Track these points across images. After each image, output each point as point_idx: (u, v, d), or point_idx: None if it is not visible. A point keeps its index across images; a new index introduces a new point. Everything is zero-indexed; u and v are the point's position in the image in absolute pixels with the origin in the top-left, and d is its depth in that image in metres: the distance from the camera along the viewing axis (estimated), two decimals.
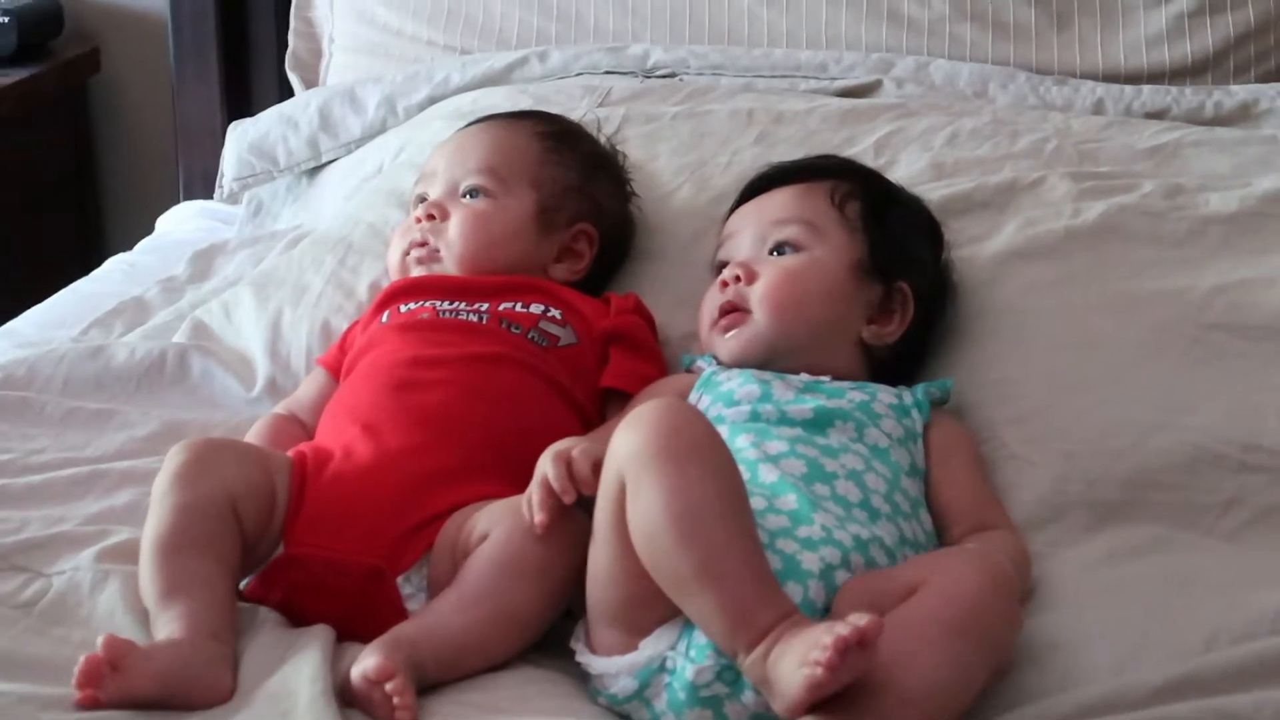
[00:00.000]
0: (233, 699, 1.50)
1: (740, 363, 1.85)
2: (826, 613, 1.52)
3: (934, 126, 2.26)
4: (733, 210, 2.00)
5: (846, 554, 1.56)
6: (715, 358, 1.89)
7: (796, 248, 1.87)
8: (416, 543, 1.68)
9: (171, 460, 1.69)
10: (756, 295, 1.85)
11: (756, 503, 1.57)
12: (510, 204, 2.02)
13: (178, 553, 1.61)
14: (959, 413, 1.87)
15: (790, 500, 1.61)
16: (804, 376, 1.81)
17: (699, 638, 1.51)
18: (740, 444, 1.69)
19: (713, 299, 1.90)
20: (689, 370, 1.91)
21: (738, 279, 1.86)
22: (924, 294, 1.91)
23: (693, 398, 1.82)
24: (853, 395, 1.79)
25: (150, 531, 1.64)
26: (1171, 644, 1.55)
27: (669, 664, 1.53)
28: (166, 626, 1.56)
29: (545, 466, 1.62)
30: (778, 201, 1.93)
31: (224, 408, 2.07)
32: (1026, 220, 2.06)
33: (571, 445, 1.63)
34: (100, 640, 1.48)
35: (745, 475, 1.58)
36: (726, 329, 1.86)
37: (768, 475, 1.64)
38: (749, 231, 1.91)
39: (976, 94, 2.40)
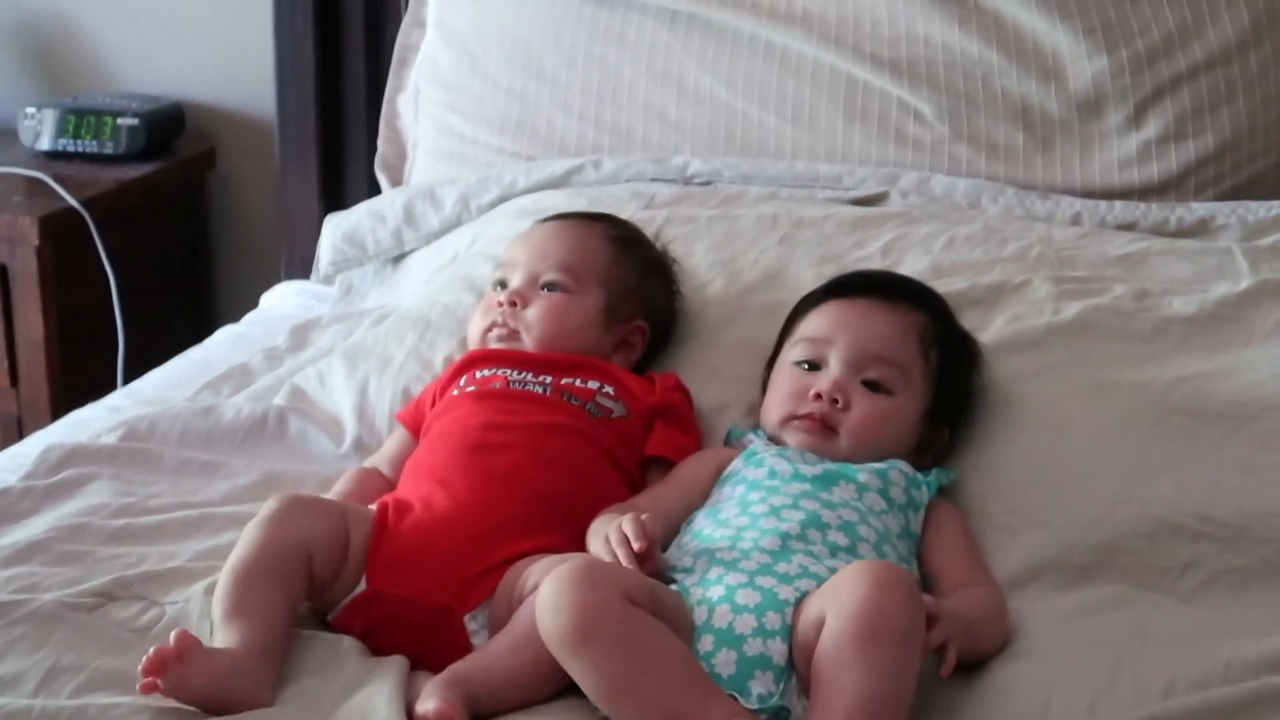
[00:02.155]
0: (316, 715, 1.51)
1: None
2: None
3: (934, 233, 2.27)
4: (813, 302, 1.95)
5: (822, 582, 1.57)
6: (767, 434, 1.87)
7: (889, 391, 1.84)
8: (482, 586, 1.68)
9: (264, 508, 1.71)
10: (848, 423, 1.82)
11: (744, 544, 1.62)
12: (584, 300, 2.02)
13: (248, 580, 1.63)
14: (954, 487, 1.87)
15: (774, 542, 1.63)
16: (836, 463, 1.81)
17: None
18: (750, 497, 1.72)
19: (794, 391, 1.85)
20: (734, 442, 1.91)
21: (835, 400, 1.82)
22: (960, 429, 1.91)
23: (732, 465, 1.82)
24: (873, 465, 1.79)
25: (231, 560, 1.66)
26: (1135, 690, 1.54)
27: None
28: (225, 640, 1.57)
29: (621, 526, 1.63)
30: (877, 334, 1.86)
31: (316, 461, 2.08)
32: (1013, 316, 2.07)
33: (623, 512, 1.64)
34: (174, 634, 1.50)
35: (745, 522, 1.64)
36: (810, 433, 1.83)
37: (767, 523, 1.67)
38: (842, 349, 1.85)
39: (971, 205, 2.40)
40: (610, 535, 1.64)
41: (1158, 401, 1.92)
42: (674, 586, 1.62)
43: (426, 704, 1.49)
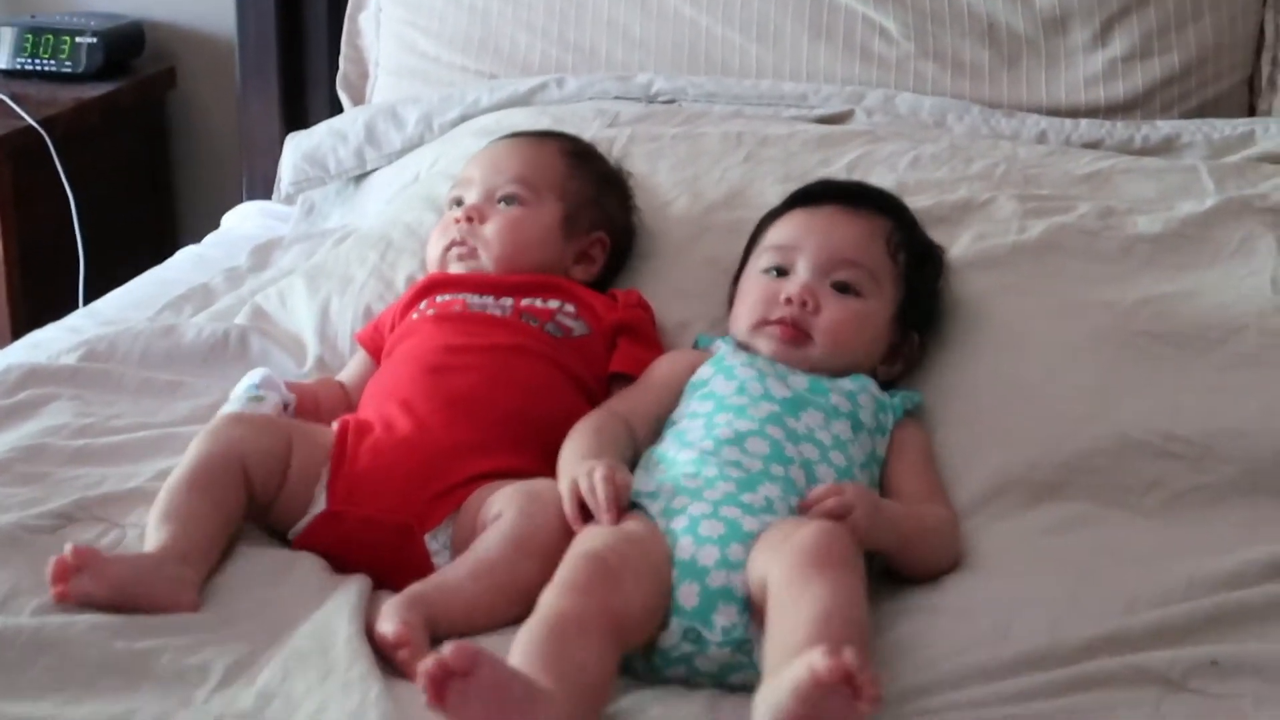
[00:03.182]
0: (278, 631, 1.49)
1: (776, 361, 1.81)
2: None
3: (899, 151, 2.25)
4: (779, 212, 1.94)
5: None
6: (737, 341, 1.85)
7: (858, 293, 1.82)
8: (442, 506, 1.67)
9: (206, 427, 1.72)
10: (821, 328, 1.80)
11: (709, 472, 1.61)
12: (542, 212, 2.00)
13: (177, 491, 1.63)
14: (919, 407, 1.85)
15: (738, 472, 1.62)
16: (808, 375, 1.78)
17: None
18: (717, 419, 1.69)
19: (763, 297, 1.84)
20: (701, 350, 1.89)
21: (805, 304, 1.80)
22: (927, 339, 1.90)
23: (701, 371, 1.80)
24: (844, 384, 1.77)
25: (169, 478, 1.66)
26: (1098, 606, 1.53)
27: None
28: (148, 546, 1.58)
29: (594, 481, 1.60)
30: (844, 236, 1.85)
31: None
32: (978, 235, 2.05)
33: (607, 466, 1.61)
34: (68, 545, 1.51)
35: (709, 446, 1.64)
36: (784, 341, 1.81)
37: (730, 452, 1.65)
38: (810, 254, 1.84)
39: (936, 124, 2.38)
40: (586, 486, 1.59)
41: (1123, 323, 1.91)
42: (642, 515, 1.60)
43: (385, 625, 1.47)
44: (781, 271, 1.86)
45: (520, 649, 1.36)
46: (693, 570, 1.52)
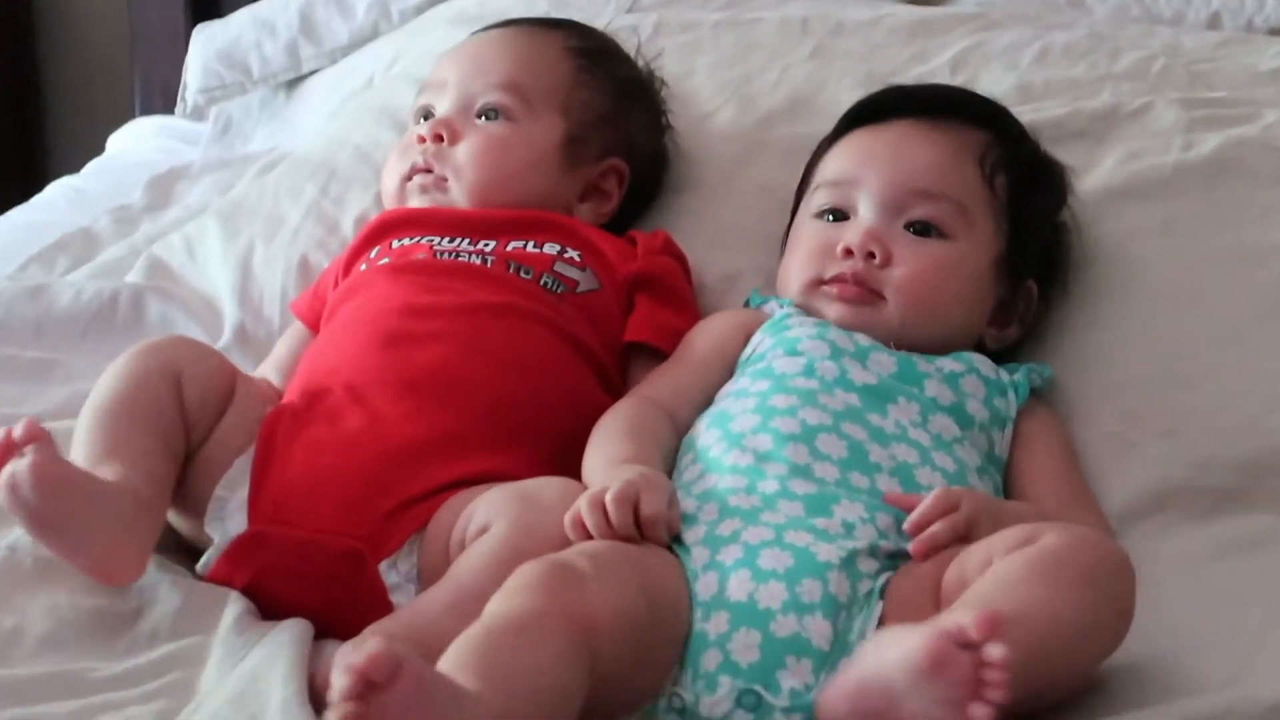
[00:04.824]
0: (194, 694, 1.50)
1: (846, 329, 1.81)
2: (861, 605, 1.52)
3: (1020, 41, 2.25)
4: (836, 136, 1.95)
5: (874, 545, 1.57)
6: (795, 304, 1.85)
7: (944, 233, 1.82)
8: (404, 523, 1.67)
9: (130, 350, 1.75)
10: (894, 283, 1.81)
11: (768, 486, 1.60)
12: (535, 130, 2.01)
13: (117, 420, 1.66)
14: (1050, 387, 1.86)
15: (808, 485, 1.62)
16: (895, 350, 1.79)
17: (707, 663, 1.50)
18: (775, 403, 1.69)
19: (816, 249, 1.84)
20: (755, 309, 1.90)
21: (871, 255, 1.81)
22: (1049, 290, 1.90)
23: (755, 340, 1.81)
24: (944, 365, 1.78)
25: (90, 401, 1.68)
26: None
27: (674, 703, 1.51)
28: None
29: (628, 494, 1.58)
30: (921, 159, 1.86)
31: None
32: (1129, 153, 2.05)
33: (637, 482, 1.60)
34: (21, 423, 1.55)
35: (767, 445, 1.64)
36: (849, 302, 1.81)
37: (795, 454, 1.64)
38: (873, 188, 1.85)
39: (1071, 3, 2.39)
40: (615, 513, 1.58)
41: None
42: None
43: (350, 659, 1.48)
44: (839, 215, 1.86)
45: (450, 652, 1.38)
46: (751, 615, 1.52)
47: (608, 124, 2.05)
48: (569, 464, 1.71)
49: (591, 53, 2.09)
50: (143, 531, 1.59)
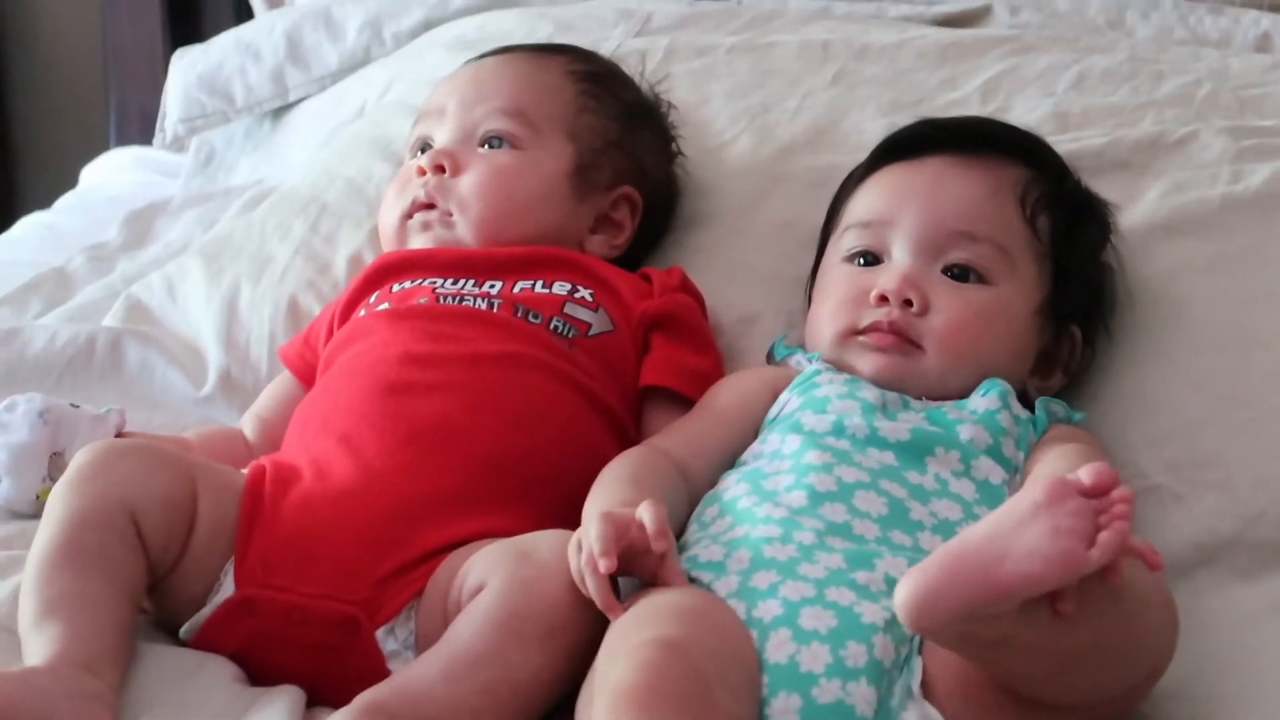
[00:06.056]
0: None
1: (881, 384, 1.82)
2: (901, 666, 1.51)
3: (1057, 65, 2.26)
4: (866, 171, 1.95)
5: None
6: (825, 358, 1.86)
7: (984, 278, 1.83)
8: (402, 587, 1.67)
9: (70, 466, 1.70)
10: (934, 332, 1.81)
11: (805, 537, 1.60)
12: (544, 157, 2.02)
13: (59, 569, 1.62)
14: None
15: (845, 543, 1.61)
16: (926, 402, 1.80)
17: None
18: (809, 460, 1.69)
19: (849, 296, 1.85)
20: (778, 362, 1.90)
21: (908, 303, 1.81)
22: (1092, 334, 1.90)
23: (782, 399, 1.82)
24: (973, 405, 1.78)
25: (35, 547, 1.65)
26: None
27: None
28: (35, 654, 1.57)
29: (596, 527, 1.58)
30: (956, 199, 1.86)
31: (166, 408, 2.08)
32: (1173, 185, 2.05)
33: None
34: None
35: (801, 501, 1.63)
36: (886, 351, 1.82)
37: (832, 512, 1.64)
38: (909, 230, 1.85)
39: (1111, 25, 2.39)
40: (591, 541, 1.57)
41: None
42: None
43: None
44: (871, 258, 1.86)
45: None
46: (792, 679, 1.51)
47: (617, 150, 2.06)
48: (578, 522, 1.68)
49: (595, 76, 2.10)
50: (96, 691, 1.53)
